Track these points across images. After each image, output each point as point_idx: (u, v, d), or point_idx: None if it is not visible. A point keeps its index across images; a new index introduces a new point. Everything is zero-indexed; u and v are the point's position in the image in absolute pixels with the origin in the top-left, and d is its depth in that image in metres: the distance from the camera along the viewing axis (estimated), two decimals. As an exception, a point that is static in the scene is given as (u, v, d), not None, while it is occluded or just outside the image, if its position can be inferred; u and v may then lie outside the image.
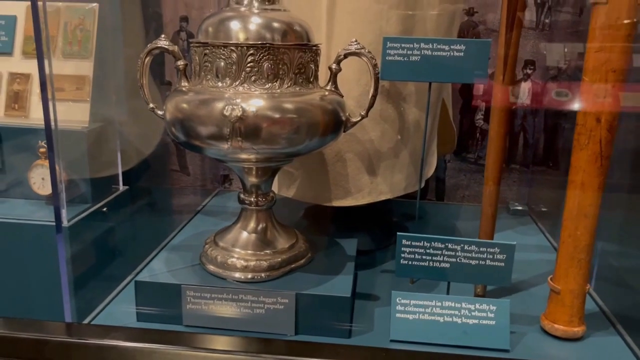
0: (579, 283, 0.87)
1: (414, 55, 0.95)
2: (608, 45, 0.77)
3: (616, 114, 0.80)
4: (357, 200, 1.08)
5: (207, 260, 0.94)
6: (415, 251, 0.89)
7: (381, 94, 1.03)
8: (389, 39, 0.94)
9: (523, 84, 1.49)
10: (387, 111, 1.06)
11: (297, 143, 0.83)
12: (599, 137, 0.81)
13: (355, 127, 0.99)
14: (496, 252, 0.87)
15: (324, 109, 0.85)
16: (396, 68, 0.95)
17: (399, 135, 1.09)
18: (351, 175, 1.06)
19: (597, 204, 0.84)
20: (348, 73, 0.97)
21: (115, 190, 1.24)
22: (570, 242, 0.86)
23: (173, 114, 0.84)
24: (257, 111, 0.78)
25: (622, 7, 0.76)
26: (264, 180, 0.93)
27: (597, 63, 0.79)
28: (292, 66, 0.83)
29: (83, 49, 1.15)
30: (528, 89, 1.49)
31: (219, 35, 0.82)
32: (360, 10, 0.99)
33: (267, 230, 0.95)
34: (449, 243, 0.87)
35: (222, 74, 0.81)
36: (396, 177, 1.11)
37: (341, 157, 1.05)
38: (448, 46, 0.94)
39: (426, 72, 0.95)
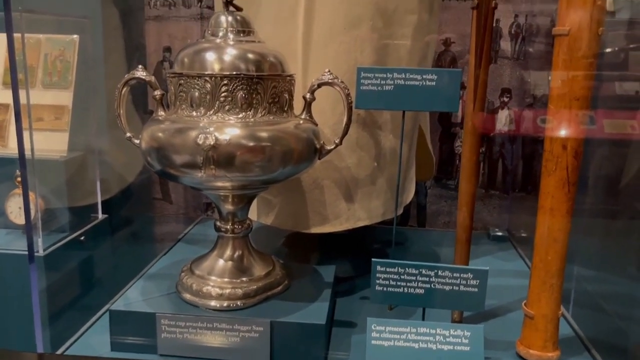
0: (552, 308, 0.88)
1: (388, 84, 0.97)
2: (571, 75, 0.80)
3: (581, 141, 0.82)
4: (335, 227, 1.09)
5: (182, 289, 0.94)
6: (390, 277, 0.89)
7: (357, 122, 1.05)
8: (362, 69, 0.96)
9: (500, 112, 1.53)
10: (363, 139, 1.08)
11: (271, 171, 0.84)
12: (565, 164, 0.83)
13: (332, 155, 1.01)
14: (469, 277, 0.87)
15: (298, 137, 0.87)
16: (370, 97, 0.97)
17: (376, 162, 1.10)
18: (329, 202, 1.07)
19: (567, 229, 0.85)
20: (324, 102, 0.99)
21: (94, 219, 1.24)
22: (542, 267, 0.87)
23: (148, 143, 0.85)
24: (230, 139, 0.79)
25: (582, 39, 0.79)
26: (240, 208, 0.93)
27: (560, 92, 0.81)
28: (266, 95, 0.85)
29: (62, 80, 1.16)
30: (505, 117, 1.52)
31: (194, 66, 0.84)
32: (334, 42, 1.01)
33: (244, 257, 0.96)
34: (423, 269, 0.88)
35: (197, 103, 0.83)
36: (374, 203, 1.13)
37: (319, 184, 1.06)
38: (420, 76, 0.96)
39: (400, 100, 0.97)
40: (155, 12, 1.55)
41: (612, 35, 1.26)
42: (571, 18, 0.78)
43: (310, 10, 1.00)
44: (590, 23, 0.78)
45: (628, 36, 1.22)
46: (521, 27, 1.47)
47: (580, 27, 0.78)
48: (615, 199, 1.25)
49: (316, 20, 1.01)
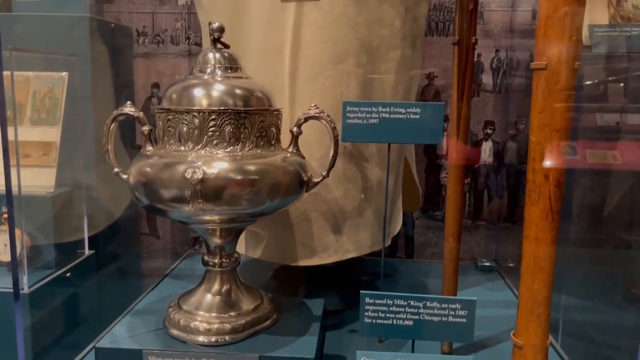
0: (540, 337, 0.88)
1: (373, 118, 0.99)
2: (550, 107, 0.82)
3: (562, 171, 0.84)
4: (323, 260, 1.09)
5: (170, 324, 0.93)
6: (379, 309, 0.89)
7: (343, 154, 1.07)
8: (348, 103, 0.98)
9: (484, 143, 1.55)
10: (350, 171, 1.09)
11: (259, 204, 0.84)
12: (548, 193, 0.84)
13: (320, 187, 1.02)
14: (458, 308, 0.88)
15: (285, 170, 0.88)
16: (356, 130, 0.99)
17: (363, 194, 1.11)
18: (317, 235, 1.08)
19: (552, 258, 0.86)
20: (311, 135, 1.01)
21: (80, 254, 1.23)
22: (529, 297, 0.88)
23: (136, 178, 0.85)
24: (218, 173, 0.80)
25: (560, 72, 0.81)
26: (227, 242, 0.93)
27: (540, 124, 0.83)
28: (254, 130, 0.86)
29: (51, 116, 1.17)
30: (489, 148, 1.55)
31: (182, 102, 0.86)
32: (320, 77, 1.04)
33: (232, 292, 0.95)
34: (411, 300, 0.88)
35: (185, 138, 0.84)
36: (361, 235, 1.13)
37: (306, 216, 1.06)
38: (404, 109, 0.98)
39: (385, 133, 0.99)
40: (143, 49, 1.57)
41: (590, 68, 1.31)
42: (548, 52, 0.81)
43: (297, 46, 1.03)
44: (567, 57, 0.80)
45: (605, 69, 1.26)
46: (502, 61, 1.51)
47: (557, 61, 0.81)
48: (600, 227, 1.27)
49: (302, 56, 1.03)
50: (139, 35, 1.56)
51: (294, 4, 1.02)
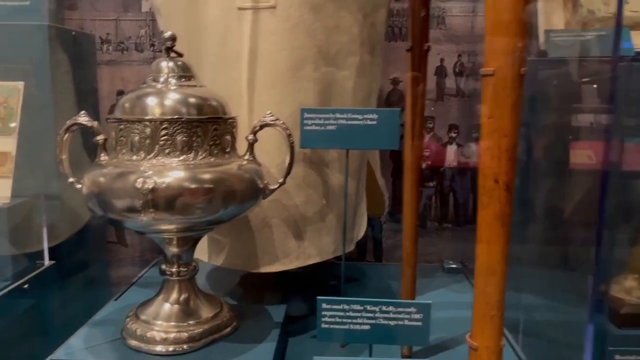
0: (494, 339, 0.89)
1: (331, 124, 1.00)
2: (498, 113, 0.84)
3: (512, 175, 0.85)
4: (285, 265, 1.09)
5: (127, 335, 0.92)
6: (336, 314, 0.90)
7: (303, 160, 1.07)
8: (306, 110, 0.99)
9: (449, 147, 1.57)
10: (310, 177, 1.09)
11: (213, 212, 0.85)
12: (498, 197, 0.85)
13: (280, 193, 1.03)
14: (413, 312, 0.89)
15: (240, 177, 0.88)
16: (314, 137, 1.00)
17: (324, 199, 1.12)
18: (278, 241, 1.08)
19: (504, 261, 0.88)
20: (270, 143, 1.01)
21: (39, 265, 1.22)
22: (482, 299, 0.89)
23: (89, 188, 0.85)
24: (170, 183, 0.80)
25: (507, 78, 0.83)
26: (185, 250, 0.93)
27: (490, 129, 0.84)
28: (207, 138, 0.86)
29: (5, 127, 1.16)
30: (454, 152, 1.57)
31: (135, 111, 0.85)
32: (278, 84, 1.04)
33: (190, 300, 0.95)
34: (367, 305, 0.89)
35: (137, 147, 0.84)
36: (324, 240, 1.14)
37: (267, 223, 1.07)
38: (361, 115, 0.99)
39: (343, 139, 1.00)
40: (108, 57, 1.56)
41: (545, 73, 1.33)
42: (495, 59, 0.83)
43: (254, 54, 1.03)
44: (513, 63, 0.82)
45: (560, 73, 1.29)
46: (465, 65, 1.53)
47: (505, 68, 0.82)
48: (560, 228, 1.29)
49: (260, 64, 1.03)
50: (102, 42, 1.55)
51: (251, 12, 1.02)
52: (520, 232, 1.34)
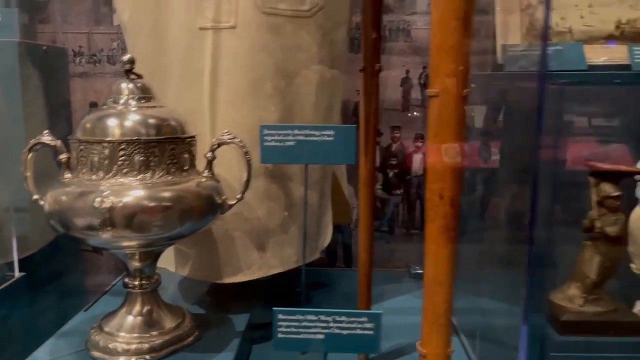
0: (442, 346, 0.93)
1: (289, 140, 1.04)
2: (442, 132, 0.88)
3: (457, 190, 0.90)
4: (248, 276, 1.13)
5: (91, 346, 0.96)
6: (292, 324, 0.94)
7: (265, 174, 1.11)
8: (265, 127, 1.03)
9: (415, 156, 1.62)
10: (272, 190, 1.13)
11: (171, 229, 0.88)
12: (443, 212, 0.90)
13: (242, 207, 1.07)
14: (364, 321, 0.93)
15: (198, 194, 0.92)
16: (274, 152, 1.03)
17: (287, 212, 1.16)
18: (240, 253, 1.12)
19: (450, 273, 0.92)
20: (233, 159, 1.05)
21: (9, 277, 1.24)
22: (430, 308, 0.93)
23: (51, 206, 0.88)
24: (127, 202, 0.83)
25: (450, 100, 0.87)
26: (147, 264, 0.97)
27: (435, 147, 0.89)
28: (164, 157, 0.90)
29: (-25, 140, 1.19)
30: (420, 160, 1.62)
31: (95, 132, 0.89)
32: (239, 102, 1.08)
33: (153, 312, 0.99)
34: (321, 315, 0.93)
35: (96, 167, 0.87)
36: (286, 251, 1.18)
37: (229, 235, 1.10)
38: (319, 132, 1.03)
39: (302, 155, 1.03)
40: (80, 69, 1.59)
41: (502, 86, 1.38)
42: (439, 81, 0.87)
43: (215, 73, 1.07)
44: (456, 85, 0.87)
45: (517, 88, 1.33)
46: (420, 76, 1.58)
47: (448, 89, 0.87)
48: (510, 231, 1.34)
49: (221, 82, 1.07)
50: (75, 55, 1.58)
51: (211, 31, 1.06)
52: (480, 236, 1.39)
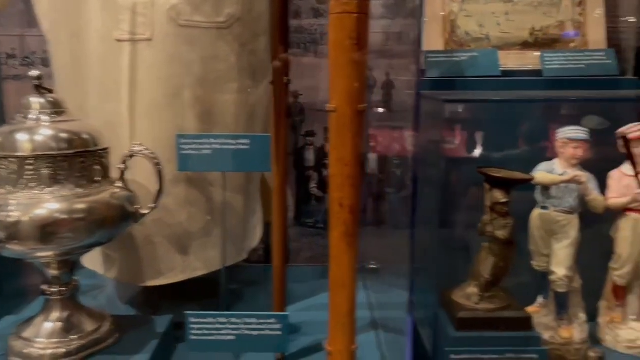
0: (345, 344, 1.00)
1: (206, 149, 1.08)
2: (340, 144, 0.93)
3: (356, 199, 0.95)
4: (170, 279, 1.18)
5: (11, 352, 0.99)
6: (204, 327, 0.99)
7: (185, 181, 1.15)
8: (181, 136, 1.06)
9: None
10: (193, 195, 1.17)
11: (82, 239, 0.92)
12: (343, 220, 0.96)
13: (162, 213, 1.11)
14: (273, 322, 0.99)
15: (109, 205, 0.96)
16: (191, 161, 1.07)
17: (209, 216, 1.20)
18: (162, 257, 1.16)
19: (352, 276, 0.98)
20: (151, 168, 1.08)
21: None
22: (335, 309, 0.99)
23: (-37, 218, 0.91)
24: (33, 215, 0.87)
25: (346, 115, 0.92)
26: (64, 272, 1.00)
27: (334, 159, 0.94)
28: (73, 171, 0.93)
29: None
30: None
31: (5, 147, 0.92)
32: (157, 112, 1.11)
33: (71, 317, 1.02)
34: (232, 318, 0.99)
35: (5, 181, 0.90)
36: (210, 253, 1.22)
37: (150, 241, 1.14)
38: (234, 140, 1.08)
39: (218, 163, 1.08)
40: (14, 72, 1.60)
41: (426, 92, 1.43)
42: (337, 97, 0.92)
43: (134, 83, 1.10)
44: (351, 101, 0.92)
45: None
46: (370, 79, 1.63)
47: (344, 105, 0.92)
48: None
49: (139, 93, 1.10)
50: (8, 57, 1.58)
51: (128, 43, 1.09)
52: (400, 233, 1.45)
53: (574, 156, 1.11)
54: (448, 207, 1.39)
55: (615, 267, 1.15)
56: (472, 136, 1.43)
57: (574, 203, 1.11)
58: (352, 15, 0.89)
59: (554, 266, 1.13)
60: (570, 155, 1.11)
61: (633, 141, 1.08)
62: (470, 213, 1.31)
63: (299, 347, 1.18)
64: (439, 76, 1.38)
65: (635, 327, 1.14)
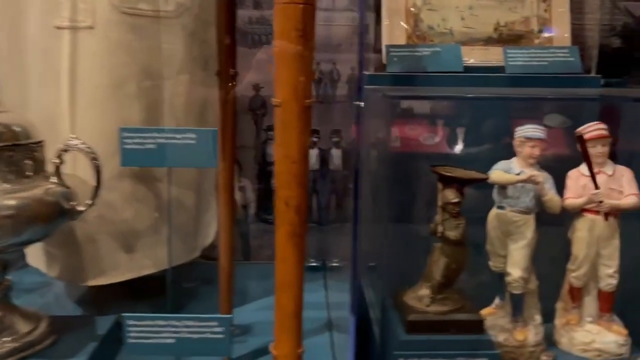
0: (291, 347, 0.96)
1: (150, 143, 1.03)
2: (287, 141, 0.89)
3: (302, 199, 0.92)
4: (114, 278, 1.13)
5: (-62, 354, 0.94)
6: (142, 330, 0.94)
7: (131, 176, 1.11)
8: (125, 129, 1.01)
9: (310, 151, 1.63)
10: (140, 192, 1.13)
11: (10, 237, 0.87)
12: (289, 219, 0.92)
13: (106, 210, 1.07)
14: (215, 325, 0.95)
15: (42, 201, 0.91)
16: (135, 155, 1.02)
17: (157, 213, 1.16)
18: (105, 255, 1.11)
19: (298, 276, 0.95)
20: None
21: None
22: (280, 311, 0.96)
23: None
24: (-46, 212, 0.82)
25: (292, 110, 0.88)
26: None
27: (280, 156, 0.90)
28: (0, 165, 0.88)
29: None
30: (315, 155, 1.63)
31: None
32: (100, 103, 1.06)
33: (3, 318, 0.97)
34: (171, 320, 0.94)
35: None
36: (160, 251, 1.17)
37: (92, 238, 1.09)
38: (180, 135, 1.03)
39: (162, 158, 1.03)
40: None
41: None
42: (282, 91, 0.88)
43: (74, 73, 1.04)
44: (297, 96, 0.88)
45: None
46: (323, 73, 1.59)
47: (290, 99, 0.88)
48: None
49: (80, 83, 1.05)
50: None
51: (68, 31, 1.03)
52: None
53: (531, 155, 1.08)
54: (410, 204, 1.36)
55: (572, 268, 1.13)
56: (433, 132, 1.40)
57: (530, 203, 1.08)
58: (297, 6, 0.85)
59: (510, 267, 1.10)
60: (527, 154, 1.09)
61: (590, 141, 1.06)
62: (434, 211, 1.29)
63: (249, 349, 1.14)
64: (399, 71, 1.34)
65: (590, 330, 1.12)
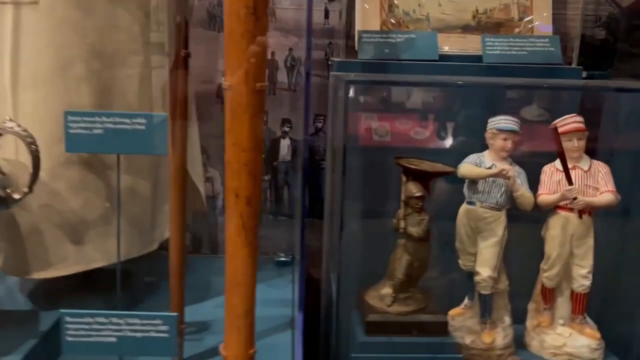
0: (241, 348, 0.90)
1: (97, 128, 0.96)
2: (236, 128, 0.83)
3: (254, 189, 0.85)
4: (61, 271, 1.06)
5: None
6: (82, 327, 0.88)
7: (79, 163, 1.04)
8: (70, 112, 0.94)
9: (282, 141, 1.57)
10: (89, 179, 1.06)
11: None
12: (239, 211, 0.86)
13: (52, 198, 1.00)
14: (159, 323, 0.89)
15: (-28, 188, 0.84)
16: (81, 141, 0.95)
17: (108, 202, 1.09)
18: (51, 246, 1.04)
19: (250, 273, 0.89)
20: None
21: None
22: (230, 310, 0.90)
23: None
24: None
25: (242, 94, 0.82)
26: None
27: (230, 143, 0.84)
28: None
29: None
30: (287, 146, 1.57)
31: None
32: (44, 84, 0.99)
33: None
34: (112, 317, 0.88)
35: None
36: (111, 244, 1.10)
37: (36, 229, 1.03)
38: (130, 120, 0.96)
39: (110, 144, 0.96)
40: None
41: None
42: (231, 74, 0.82)
43: (16, 51, 0.98)
44: (247, 79, 0.81)
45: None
46: (296, 59, 1.52)
47: (239, 83, 0.81)
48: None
49: (23, 62, 0.98)
50: None
51: (11, 6, 0.97)
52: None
53: (503, 148, 1.03)
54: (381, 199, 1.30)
55: (544, 268, 1.08)
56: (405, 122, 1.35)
57: (501, 199, 1.03)
58: (248, -19, 0.78)
59: (479, 266, 1.05)
60: (499, 147, 1.03)
61: (565, 134, 1.00)
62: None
63: (203, 348, 1.09)
64: (371, 58, 1.29)
65: (562, 333, 1.07)
